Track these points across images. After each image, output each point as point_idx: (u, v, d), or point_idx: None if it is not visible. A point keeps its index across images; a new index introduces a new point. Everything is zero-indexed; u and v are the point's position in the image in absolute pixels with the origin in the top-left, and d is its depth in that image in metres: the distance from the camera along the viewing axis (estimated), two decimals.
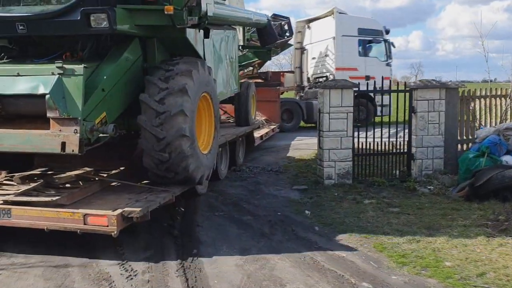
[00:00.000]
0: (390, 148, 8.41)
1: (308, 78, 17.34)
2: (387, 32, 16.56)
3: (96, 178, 6.02)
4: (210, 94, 6.52)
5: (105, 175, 6.42)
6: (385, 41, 16.39)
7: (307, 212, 6.54)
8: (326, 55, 16.34)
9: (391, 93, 8.59)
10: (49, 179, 5.76)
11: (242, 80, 10.88)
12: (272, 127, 13.55)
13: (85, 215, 4.87)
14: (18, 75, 5.05)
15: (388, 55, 16.46)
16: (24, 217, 4.99)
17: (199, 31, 6.74)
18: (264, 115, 14.21)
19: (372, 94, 12.08)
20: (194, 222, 6.16)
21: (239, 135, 9.04)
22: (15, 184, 5.76)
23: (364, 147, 8.24)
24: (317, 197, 7.30)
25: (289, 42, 17.29)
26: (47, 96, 4.85)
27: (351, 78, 9.48)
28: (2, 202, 5.11)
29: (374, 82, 8.45)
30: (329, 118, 7.83)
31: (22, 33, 5.39)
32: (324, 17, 16.53)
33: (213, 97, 6.63)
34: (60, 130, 4.86)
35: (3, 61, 5.89)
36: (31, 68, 5.16)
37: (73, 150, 4.83)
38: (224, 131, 9.06)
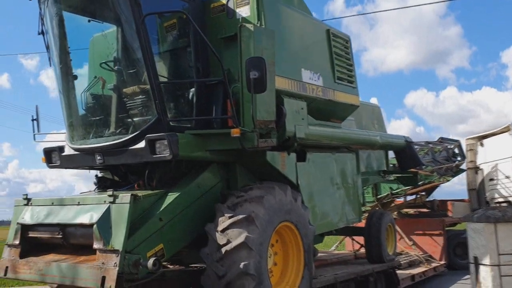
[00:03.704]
0: None
1: (487, 202, 14.53)
2: None
3: None
4: (295, 224, 5.55)
5: None
6: None
7: None
8: (507, 177, 13.63)
9: None
10: None
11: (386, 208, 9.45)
12: (434, 265, 11.31)
13: None
14: (79, 204, 5.02)
15: None
16: None
17: (289, 154, 6.07)
18: (426, 251, 12.08)
19: None
20: None
21: (362, 274, 7.50)
22: None
23: None
24: None
25: (461, 167, 15.29)
26: (94, 226, 4.62)
27: None
28: None
29: None
30: (500, 275, 5.04)
31: (100, 163, 5.52)
32: (500, 133, 14.16)
33: (301, 228, 5.62)
34: (103, 263, 4.51)
35: (92, 191, 6.07)
36: (90, 197, 5.10)
37: (110, 287, 4.36)
38: (345, 268, 7.68)
